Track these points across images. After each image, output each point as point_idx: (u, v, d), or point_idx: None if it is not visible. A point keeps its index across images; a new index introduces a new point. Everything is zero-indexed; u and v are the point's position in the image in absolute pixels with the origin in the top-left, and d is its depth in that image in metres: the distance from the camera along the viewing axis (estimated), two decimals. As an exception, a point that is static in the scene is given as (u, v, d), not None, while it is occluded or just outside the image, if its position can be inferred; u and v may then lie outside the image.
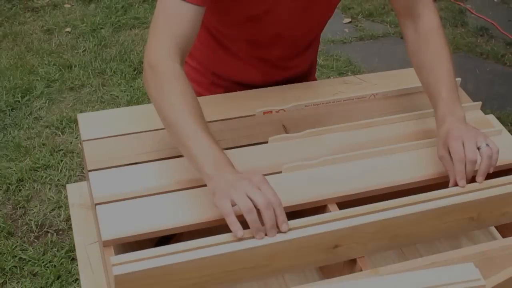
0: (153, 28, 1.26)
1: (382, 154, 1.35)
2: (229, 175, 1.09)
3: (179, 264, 1.01)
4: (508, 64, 3.76)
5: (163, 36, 1.24)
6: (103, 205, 1.20)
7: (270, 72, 1.57)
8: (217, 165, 1.11)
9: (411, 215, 1.14)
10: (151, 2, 3.96)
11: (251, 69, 1.56)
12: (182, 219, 1.18)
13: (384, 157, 1.34)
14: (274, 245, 1.05)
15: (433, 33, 1.39)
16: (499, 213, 1.25)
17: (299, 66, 1.63)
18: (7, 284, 2.32)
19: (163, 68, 1.21)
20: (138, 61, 3.45)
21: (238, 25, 1.44)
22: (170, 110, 1.17)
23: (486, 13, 4.24)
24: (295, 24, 1.45)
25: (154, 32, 1.26)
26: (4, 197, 2.64)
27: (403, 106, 1.52)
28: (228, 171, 1.10)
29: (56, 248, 2.45)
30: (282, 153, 1.35)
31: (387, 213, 1.12)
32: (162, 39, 1.24)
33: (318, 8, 1.45)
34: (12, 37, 3.58)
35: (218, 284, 1.08)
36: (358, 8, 4.16)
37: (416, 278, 1.10)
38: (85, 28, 3.69)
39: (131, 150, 1.33)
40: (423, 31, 1.40)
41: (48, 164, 2.80)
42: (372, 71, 3.38)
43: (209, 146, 1.12)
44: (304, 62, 1.64)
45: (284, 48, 1.53)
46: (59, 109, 3.13)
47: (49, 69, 3.36)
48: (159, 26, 1.25)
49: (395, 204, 1.14)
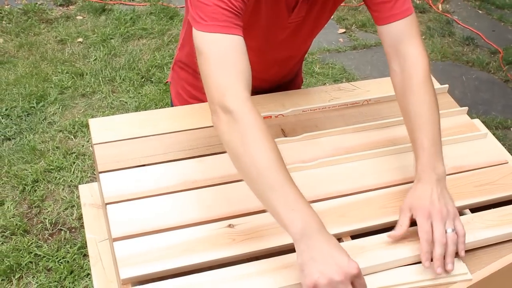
0: (212, 70, 1.10)
1: (375, 156, 1.34)
2: (318, 242, 0.98)
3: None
4: (493, 71, 3.76)
5: (227, 76, 1.09)
6: (113, 204, 1.20)
7: (262, 83, 1.57)
8: (304, 221, 0.99)
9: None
10: (157, 14, 3.96)
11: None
12: (187, 217, 1.18)
13: (377, 159, 1.34)
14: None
15: (418, 78, 1.25)
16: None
17: (285, 77, 1.64)
18: (24, 279, 2.32)
19: (241, 115, 1.06)
20: (146, 69, 3.45)
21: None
22: (253, 158, 1.03)
23: (471, 24, 4.24)
24: (285, 48, 1.45)
25: (214, 73, 1.10)
26: (20, 197, 2.64)
27: (394, 112, 1.51)
28: (315, 231, 0.99)
29: (69, 245, 2.45)
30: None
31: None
32: (227, 80, 1.09)
33: (306, 33, 1.44)
34: (27, 47, 3.59)
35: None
36: (352, 19, 4.16)
37: (407, 273, 1.10)
38: (96, 39, 3.69)
39: (139, 153, 1.33)
40: (408, 75, 1.26)
41: (61, 166, 2.80)
42: (365, 78, 3.39)
43: (295, 198, 1.01)
44: (294, 70, 1.65)
45: (276, 68, 1.54)
46: (72, 115, 3.12)
47: (62, 77, 3.36)
48: (218, 65, 1.10)
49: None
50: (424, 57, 1.28)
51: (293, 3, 1.31)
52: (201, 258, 1.10)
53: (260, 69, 1.50)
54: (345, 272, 0.96)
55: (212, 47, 1.11)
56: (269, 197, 1.01)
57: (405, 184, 1.28)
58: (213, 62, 1.10)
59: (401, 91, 1.28)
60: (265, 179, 1.02)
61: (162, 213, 1.18)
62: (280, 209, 1.00)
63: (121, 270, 1.07)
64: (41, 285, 2.29)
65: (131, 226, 1.15)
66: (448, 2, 4.52)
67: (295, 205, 1.00)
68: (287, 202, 1.00)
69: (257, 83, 1.56)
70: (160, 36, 3.78)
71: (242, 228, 1.16)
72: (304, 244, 0.98)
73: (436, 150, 1.19)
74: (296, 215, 0.99)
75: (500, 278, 1.16)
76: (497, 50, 3.95)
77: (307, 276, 0.97)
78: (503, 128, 3.29)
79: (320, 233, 0.99)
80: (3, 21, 3.81)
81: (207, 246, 1.12)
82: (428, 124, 1.21)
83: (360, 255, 1.11)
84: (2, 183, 2.70)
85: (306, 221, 0.99)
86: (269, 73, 1.55)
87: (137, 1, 4.14)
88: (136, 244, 1.12)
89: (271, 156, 1.03)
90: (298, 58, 1.62)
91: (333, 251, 0.98)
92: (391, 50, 1.31)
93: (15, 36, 3.68)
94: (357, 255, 1.10)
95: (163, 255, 1.10)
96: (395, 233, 1.14)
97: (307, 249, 0.98)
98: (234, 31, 1.11)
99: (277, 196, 1.00)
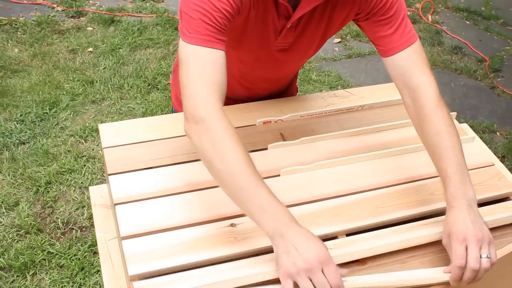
0: (189, 83, 1.10)
1: (368, 159, 1.34)
2: (290, 236, 1.00)
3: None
4: (480, 78, 3.76)
5: (203, 87, 1.09)
6: (121, 205, 1.20)
7: (256, 93, 1.57)
8: (275, 221, 1.01)
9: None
10: (163, 25, 3.96)
11: (240, 89, 1.54)
12: (191, 217, 1.18)
13: (370, 161, 1.34)
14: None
15: (430, 106, 1.20)
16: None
17: (283, 89, 1.64)
18: (37, 275, 2.31)
19: (213, 123, 1.07)
20: (152, 77, 3.45)
21: (232, 65, 1.27)
22: (224, 164, 1.04)
23: (459, 34, 4.24)
24: (277, 71, 1.45)
25: (192, 85, 1.10)
26: (34, 198, 2.64)
27: (387, 117, 1.52)
28: (287, 227, 1.01)
29: (80, 243, 2.45)
30: (280, 158, 1.34)
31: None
32: (204, 91, 1.09)
33: (295, 61, 1.44)
34: (41, 57, 3.59)
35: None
36: (346, 29, 4.16)
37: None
38: (105, 48, 3.70)
39: (146, 156, 1.33)
40: (420, 105, 1.21)
41: (72, 168, 2.80)
42: (359, 86, 3.39)
43: (266, 198, 1.02)
44: (284, 85, 1.65)
45: (269, 84, 1.54)
46: (82, 120, 3.13)
47: (73, 85, 3.36)
48: (196, 78, 1.10)
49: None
50: (432, 83, 1.23)
51: (279, 28, 1.28)
52: (204, 255, 1.10)
53: (250, 81, 1.50)
54: (315, 261, 0.98)
55: (191, 58, 1.11)
56: (242, 199, 1.04)
57: (398, 185, 1.28)
58: (191, 72, 1.10)
59: (417, 123, 1.23)
60: (237, 182, 1.03)
61: (167, 213, 1.18)
62: (253, 210, 1.03)
63: (129, 266, 1.07)
64: (54, 281, 2.29)
65: (138, 225, 1.15)
66: (437, 13, 4.52)
67: (266, 205, 1.02)
68: (259, 203, 1.02)
69: (248, 93, 1.56)
70: (165, 45, 3.78)
71: (243, 227, 1.16)
72: (277, 240, 1.01)
73: (461, 175, 1.12)
74: (267, 216, 1.01)
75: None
76: (484, 59, 3.95)
77: (281, 267, 1.00)
78: (490, 132, 3.28)
79: (290, 228, 1.01)
80: (18, 32, 3.82)
81: (210, 244, 1.12)
82: (448, 151, 1.15)
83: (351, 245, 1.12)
84: (17, 184, 2.70)
85: (277, 219, 1.01)
86: (259, 86, 1.55)
87: (144, 12, 4.14)
88: (143, 242, 1.12)
89: (242, 161, 1.04)
90: (287, 80, 1.60)
91: (304, 242, 1.00)
92: (399, 82, 1.26)
93: (29, 46, 3.68)
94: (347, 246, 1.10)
95: (168, 253, 1.10)
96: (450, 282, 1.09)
97: (280, 244, 1.01)
98: (215, 45, 1.11)
99: (249, 199, 1.03)
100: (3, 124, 3.03)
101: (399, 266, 1.13)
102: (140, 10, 4.16)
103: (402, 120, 1.47)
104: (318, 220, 1.18)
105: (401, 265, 1.13)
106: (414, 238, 1.16)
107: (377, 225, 1.19)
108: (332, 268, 0.99)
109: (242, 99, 1.57)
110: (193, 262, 1.09)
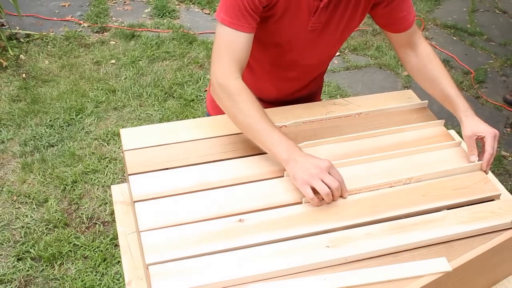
0: (217, 54, 1.29)
1: (366, 162, 1.34)
2: (301, 159, 1.18)
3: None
4: (465, 89, 3.75)
5: (226, 60, 1.27)
6: (140, 202, 1.20)
7: (285, 90, 1.58)
8: (288, 151, 1.20)
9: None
10: (179, 39, 3.97)
11: (270, 87, 1.56)
12: (203, 213, 1.17)
13: (367, 164, 1.33)
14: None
15: (432, 56, 1.45)
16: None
17: (309, 88, 1.64)
18: (64, 265, 2.32)
19: (232, 86, 1.26)
20: (169, 86, 3.46)
21: (265, 49, 1.43)
22: (244, 116, 1.24)
23: (447, 48, 4.23)
24: (308, 54, 1.46)
25: (218, 57, 1.28)
26: (62, 195, 2.65)
27: (382, 123, 1.51)
28: (298, 154, 1.19)
29: (102, 237, 2.45)
30: (284, 160, 1.34)
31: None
32: (226, 63, 1.27)
33: (326, 44, 1.45)
34: (68, 68, 3.61)
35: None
36: (345, 44, 4.16)
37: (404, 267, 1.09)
38: (126, 60, 3.71)
39: (163, 158, 1.33)
40: (424, 55, 1.45)
41: (96, 169, 2.80)
42: (357, 95, 3.39)
43: (278, 137, 1.21)
44: (314, 85, 1.66)
45: (299, 72, 1.53)
46: (105, 125, 3.13)
47: (97, 93, 3.37)
48: (222, 52, 1.28)
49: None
50: (428, 44, 1.47)
51: (313, 8, 1.32)
52: (214, 247, 1.10)
53: (281, 69, 1.51)
54: (322, 166, 1.18)
55: (221, 37, 1.28)
56: (261, 139, 1.23)
57: (393, 187, 1.27)
58: (219, 48, 1.28)
59: (420, 65, 1.45)
60: (256, 128, 1.23)
61: (182, 209, 1.18)
62: (270, 146, 1.22)
63: (146, 256, 1.07)
64: (79, 271, 2.29)
65: (155, 220, 1.15)
66: (427, 30, 4.51)
67: (280, 141, 1.21)
68: (274, 140, 1.22)
69: (277, 92, 1.57)
70: (181, 58, 3.79)
71: (250, 222, 1.15)
72: (292, 164, 1.19)
73: (463, 99, 1.40)
74: (281, 148, 1.21)
75: (472, 266, 1.15)
76: (469, 71, 3.94)
77: (298, 179, 1.18)
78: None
79: (299, 154, 1.20)
80: (49, 46, 3.84)
81: (220, 238, 1.12)
82: (451, 81, 1.42)
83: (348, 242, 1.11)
84: (47, 183, 2.71)
85: (289, 150, 1.20)
86: (288, 76, 1.54)
87: (162, 28, 4.15)
88: (159, 235, 1.12)
89: (258, 112, 1.24)
90: (315, 72, 1.59)
91: (311, 159, 1.19)
92: (404, 49, 1.48)
93: (58, 58, 3.70)
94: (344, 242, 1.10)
95: (182, 245, 1.10)
96: (476, 157, 1.33)
97: (294, 165, 1.19)
98: (241, 28, 1.27)
99: (266, 138, 1.22)
100: (34, 129, 3.04)
101: (391, 259, 1.12)
102: (158, 26, 4.18)
103: (396, 127, 1.47)
104: (318, 218, 1.17)
105: (393, 258, 1.12)
106: (407, 238, 1.15)
107: (373, 222, 1.18)
108: (336, 171, 1.19)
109: (272, 100, 1.58)
110: (205, 253, 1.08)
